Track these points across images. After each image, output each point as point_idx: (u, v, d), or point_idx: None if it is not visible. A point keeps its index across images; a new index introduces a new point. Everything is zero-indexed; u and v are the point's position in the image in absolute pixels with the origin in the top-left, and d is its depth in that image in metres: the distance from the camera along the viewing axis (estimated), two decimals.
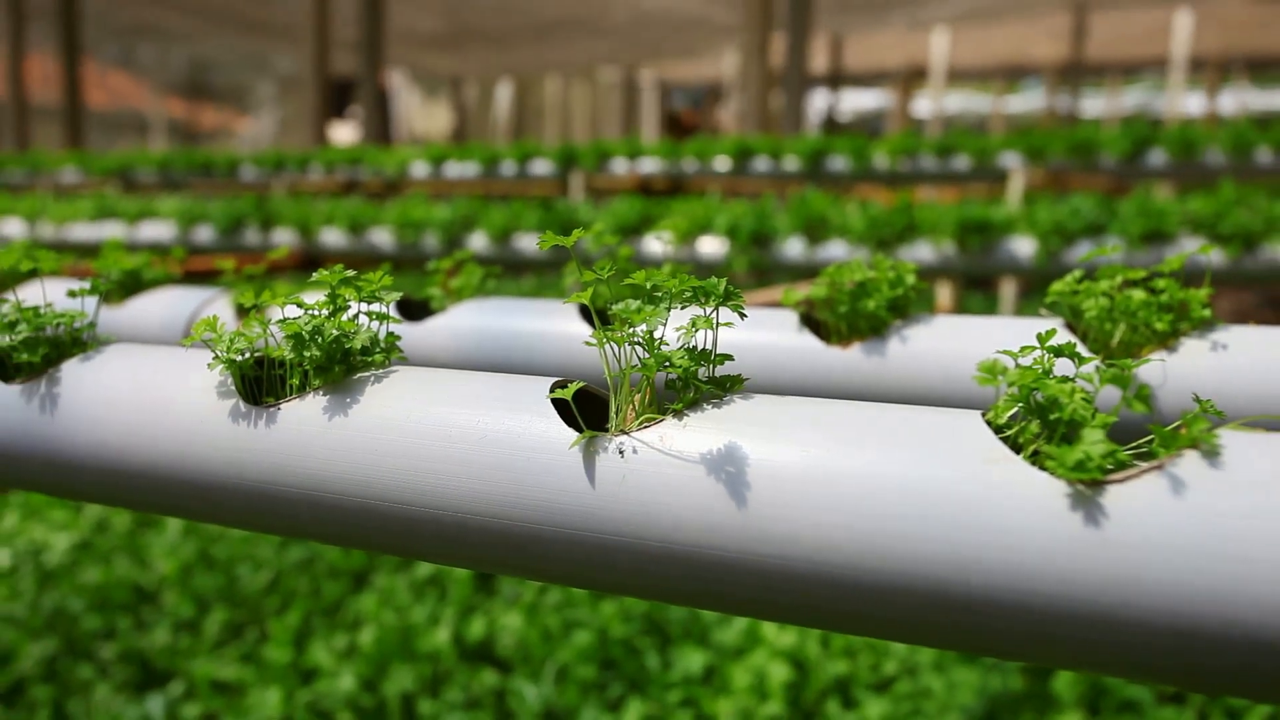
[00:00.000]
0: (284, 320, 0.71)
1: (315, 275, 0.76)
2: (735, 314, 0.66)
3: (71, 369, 0.78)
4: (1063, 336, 0.81)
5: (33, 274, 1.21)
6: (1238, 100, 18.11)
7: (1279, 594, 0.44)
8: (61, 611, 3.09)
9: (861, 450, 0.54)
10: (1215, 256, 2.24)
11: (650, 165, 5.76)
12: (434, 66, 16.67)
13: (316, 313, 0.72)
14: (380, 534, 0.66)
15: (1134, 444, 0.51)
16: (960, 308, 5.26)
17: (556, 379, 0.65)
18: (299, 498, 0.67)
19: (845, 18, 12.27)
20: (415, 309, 1.18)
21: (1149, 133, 4.69)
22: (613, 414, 0.61)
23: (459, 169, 6.33)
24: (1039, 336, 0.62)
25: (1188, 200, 2.40)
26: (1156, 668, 0.48)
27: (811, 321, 0.98)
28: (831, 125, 17.15)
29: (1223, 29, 14.90)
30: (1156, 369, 0.82)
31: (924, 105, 18.13)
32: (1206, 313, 0.85)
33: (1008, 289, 5.47)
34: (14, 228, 4.26)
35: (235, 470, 0.69)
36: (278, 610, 3.14)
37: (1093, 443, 0.50)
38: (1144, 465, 0.49)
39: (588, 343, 0.65)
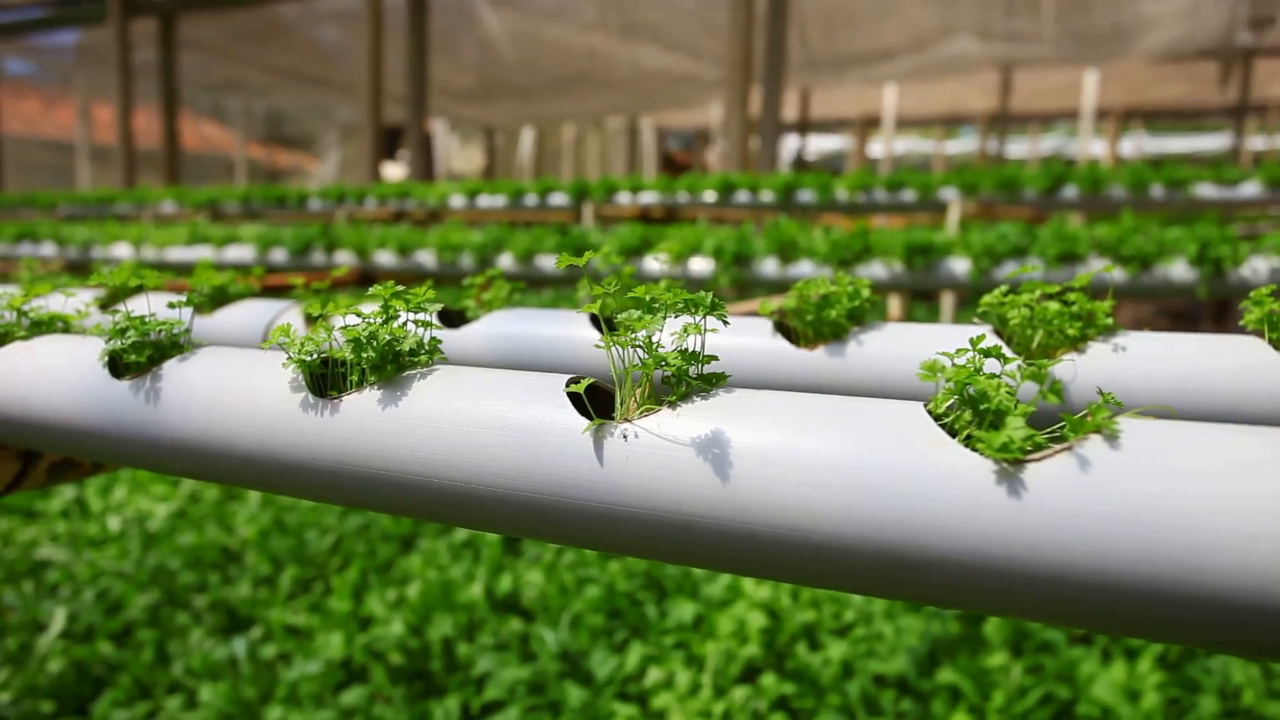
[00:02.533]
0: (345, 327, 0.71)
1: (371, 290, 0.76)
2: (720, 322, 0.66)
3: (171, 368, 0.78)
4: (991, 340, 0.81)
5: (139, 289, 1.21)
6: (1135, 145, 18.09)
7: (1164, 550, 0.44)
8: (162, 568, 3.09)
9: (824, 434, 0.54)
10: (1117, 274, 2.24)
11: (649, 197, 5.75)
12: (469, 116, 16.66)
13: (372, 321, 0.72)
14: (425, 505, 0.66)
15: (1049, 429, 0.51)
16: (908, 316, 5.26)
17: (571, 376, 0.65)
18: (358, 475, 0.67)
19: (812, 75, 12.25)
20: (454, 317, 1.18)
21: (1063, 172, 4.68)
22: (618, 405, 0.61)
23: (489, 201, 6.32)
24: (971, 340, 0.61)
25: (1095, 228, 2.40)
26: (1067, 613, 0.48)
27: (783, 328, 0.98)
28: (800, 164, 17.12)
29: (1123, 86, 14.89)
30: (1068, 367, 0.82)
31: (877, 148, 18.11)
32: (1110, 321, 0.85)
33: (947, 301, 5.47)
34: (123, 250, 4.26)
35: (305, 452, 0.69)
36: (339, 568, 3.15)
37: (1015, 428, 0.50)
38: (1057, 447, 0.49)
39: (597, 346, 0.65)
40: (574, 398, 0.63)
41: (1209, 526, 0.44)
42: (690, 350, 0.64)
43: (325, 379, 0.72)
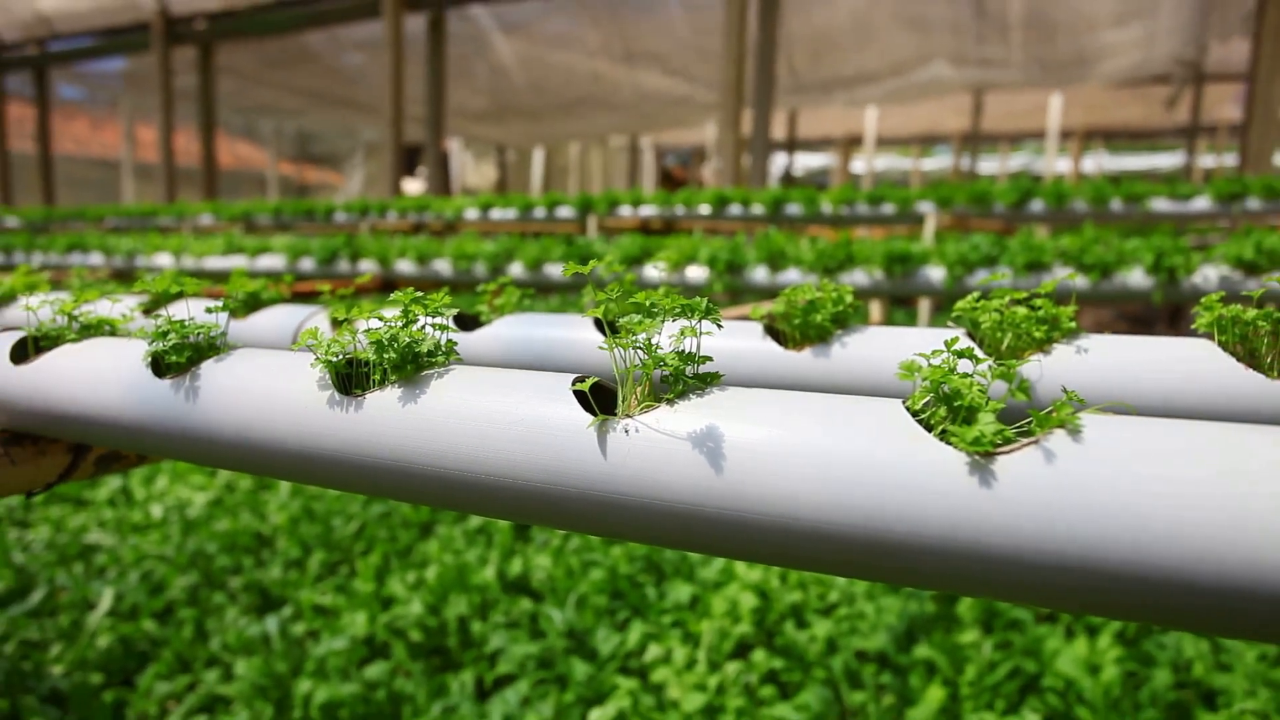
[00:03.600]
0: (368, 330, 0.71)
1: (392, 296, 0.76)
2: (714, 325, 0.66)
3: (208, 367, 0.78)
4: (964, 343, 0.81)
5: (179, 295, 1.21)
6: (1096, 163, 18.10)
7: (1118, 535, 0.44)
8: (200, 552, 3.09)
9: (810, 430, 0.54)
10: (1080, 281, 2.24)
11: (649, 210, 5.74)
12: (482, 135, 16.65)
13: (393, 324, 0.72)
14: (441, 493, 0.66)
15: (1017, 424, 0.51)
16: (887, 320, 5.25)
17: (577, 375, 0.65)
18: (380, 466, 0.67)
19: (798, 97, 12.24)
20: (468, 321, 1.18)
21: (1030, 187, 4.67)
22: (620, 402, 0.61)
23: (501, 213, 6.31)
24: (946, 342, 0.61)
25: (1059, 239, 2.39)
26: (1034, 593, 0.48)
27: (773, 331, 0.98)
28: (788, 180, 17.11)
29: (1085, 109, 14.89)
30: (1035, 367, 0.82)
31: (859, 165, 18.10)
32: (1073, 325, 0.85)
33: (924, 306, 5.47)
34: (164, 260, 4.26)
35: (331, 445, 0.69)
36: (363, 552, 3.15)
37: (986, 424, 0.50)
38: (1024, 441, 0.49)
39: (601, 347, 0.65)
40: (579, 395, 0.63)
41: (1159, 514, 0.44)
42: (687, 351, 0.64)
43: (350, 378, 0.72)
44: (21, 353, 0.92)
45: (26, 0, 11.45)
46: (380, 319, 0.73)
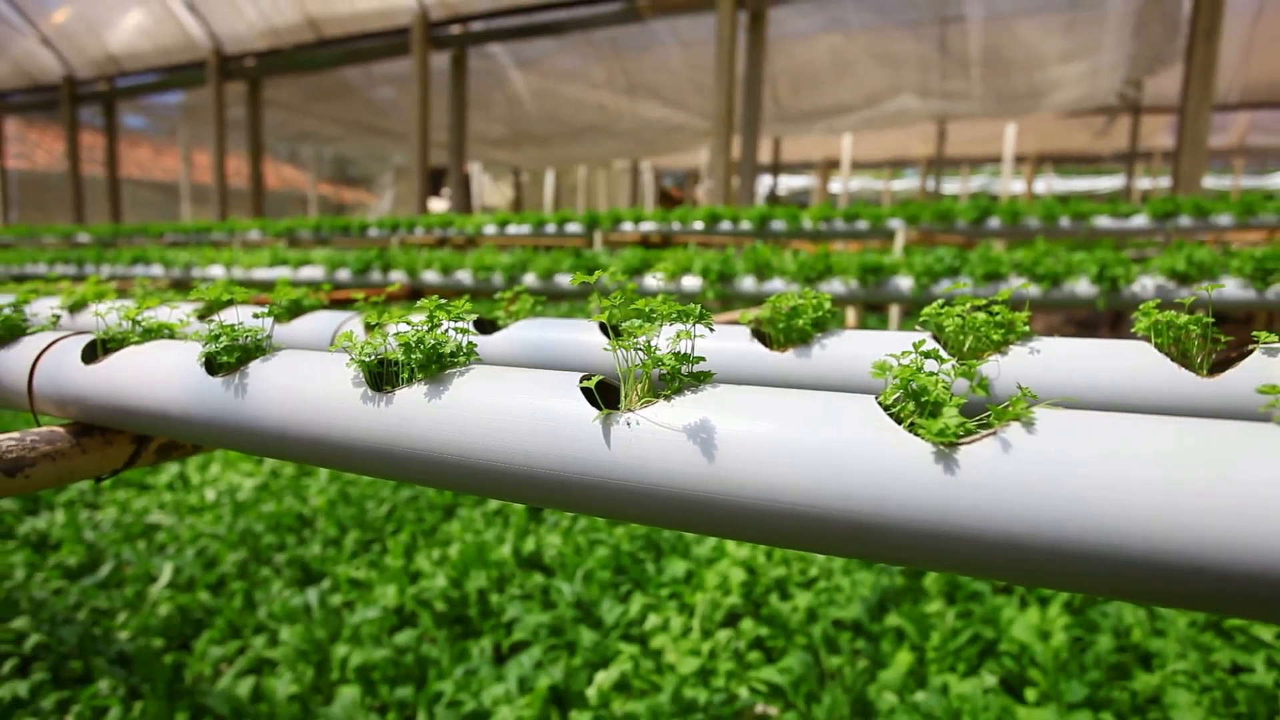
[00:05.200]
0: (397, 333, 0.71)
1: (419, 303, 0.76)
2: (706, 329, 0.66)
3: (255, 367, 0.78)
4: (930, 345, 0.81)
5: (230, 302, 1.21)
6: (1047, 184, 18.08)
7: (1070, 515, 0.44)
8: (249, 531, 3.09)
9: (792, 422, 0.54)
10: (1033, 290, 2.23)
11: (648, 226, 5.73)
12: (500, 159, 16.63)
13: (419, 328, 0.72)
14: (463, 480, 0.66)
15: (978, 417, 0.51)
16: (862, 325, 5.25)
17: (584, 373, 0.65)
18: (408, 455, 0.67)
19: (782, 126, 12.22)
20: (487, 325, 1.18)
21: (989, 206, 4.66)
22: (622, 397, 0.61)
23: (517, 229, 6.30)
24: (914, 344, 0.61)
25: (1014, 252, 2.39)
26: (992, 568, 0.48)
27: (759, 334, 0.98)
28: (773, 199, 17.10)
29: (1037, 136, 14.87)
30: (993, 366, 0.82)
31: (836, 185, 18.09)
32: (1027, 329, 0.85)
33: (894, 312, 5.47)
34: (217, 271, 4.26)
35: (364, 436, 0.69)
36: (393, 532, 3.15)
37: (950, 417, 0.50)
38: (984, 432, 0.49)
39: (605, 349, 0.65)
40: (586, 391, 0.63)
41: (1101, 497, 0.44)
42: (682, 352, 0.63)
43: (381, 376, 0.72)
44: (91, 354, 0.92)
45: (98, 42, 11.50)
46: (408, 323, 0.73)
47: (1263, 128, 13.62)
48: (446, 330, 0.73)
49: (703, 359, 0.65)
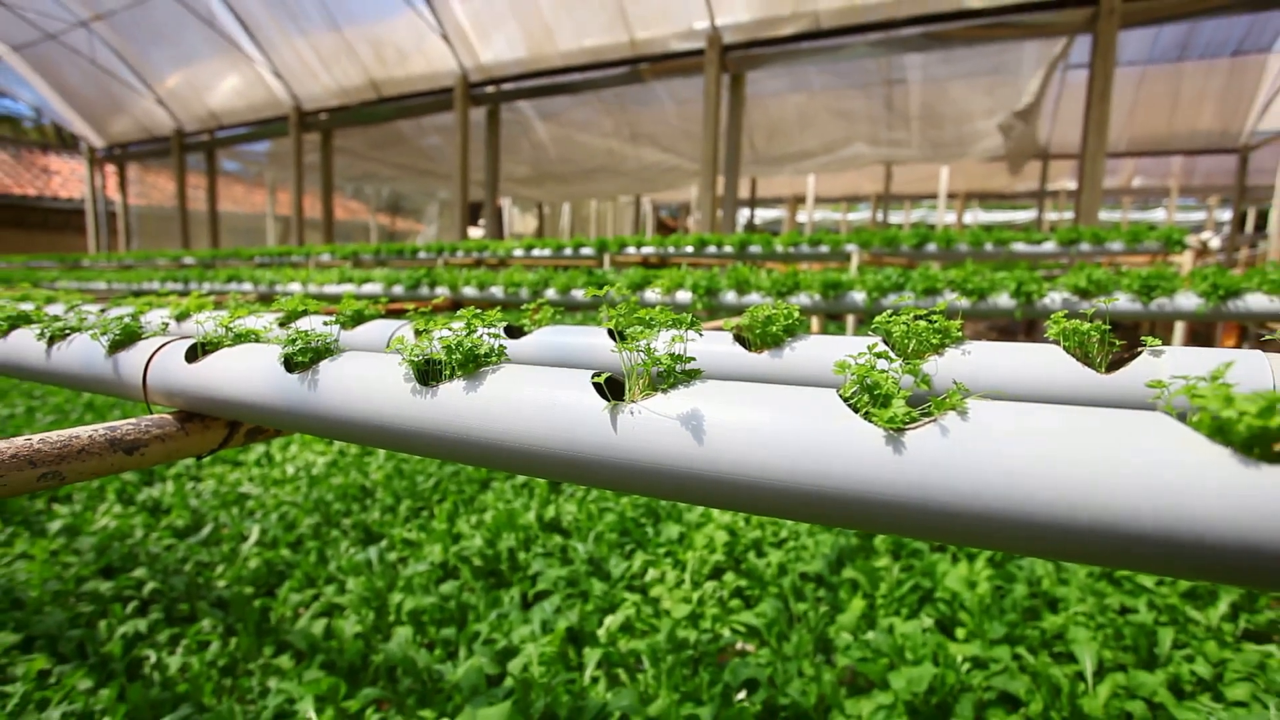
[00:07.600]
0: (441, 338, 0.71)
1: (459, 313, 0.75)
2: (696, 334, 0.66)
3: (325, 365, 0.78)
4: (881, 347, 0.81)
5: (305, 313, 1.21)
6: (974, 216, 18.04)
7: (997, 486, 0.44)
8: (321, 500, 3.09)
9: (768, 411, 0.54)
10: (964, 303, 2.23)
11: (648, 249, 5.72)
12: (526, 195, 16.61)
13: (459, 333, 0.72)
14: (495, 458, 0.65)
15: (921, 407, 0.50)
16: (824, 331, 5.23)
17: (595, 371, 0.65)
18: (451, 438, 0.67)
19: (758, 167, 12.20)
20: (515, 331, 1.18)
21: (927, 233, 4.65)
22: (627, 391, 0.61)
23: (540, 252, 6.29)
24: (868, 347, 0.61)
25: (949, 271, 2.39)
26: (932, 531, 0.48)
27: (740, 338, 0.98)
28: (750, 228, 17.07)
29: (965, 177, 14.84)
30: (933, 365, 0.82)
31: (803, 216, 18.05)
32: (960, 334, 0.84)
33: (850, 320, 5.45)
34: (295, 286, 4.26)
35: (414, 423, 0.69)
36: (439, 501, 3.14)
37: (897, 407, 0.49)
38: (926, 419, 0.49)
39: (613, 350, 0.64)
40: (596, 386, 0.62)
41: (1019, 470, 0.43)
42: (676, 354, 0.63)
43: (428, 373, 0.71)
44: (193, 355, 0.92)
45: (201, 101, 11.53)
46: (450, 329, 0.72)
47: (1146, 171, 13.67)
48: (481, 335, 0.73)
49: (693, 359, 0.65)
